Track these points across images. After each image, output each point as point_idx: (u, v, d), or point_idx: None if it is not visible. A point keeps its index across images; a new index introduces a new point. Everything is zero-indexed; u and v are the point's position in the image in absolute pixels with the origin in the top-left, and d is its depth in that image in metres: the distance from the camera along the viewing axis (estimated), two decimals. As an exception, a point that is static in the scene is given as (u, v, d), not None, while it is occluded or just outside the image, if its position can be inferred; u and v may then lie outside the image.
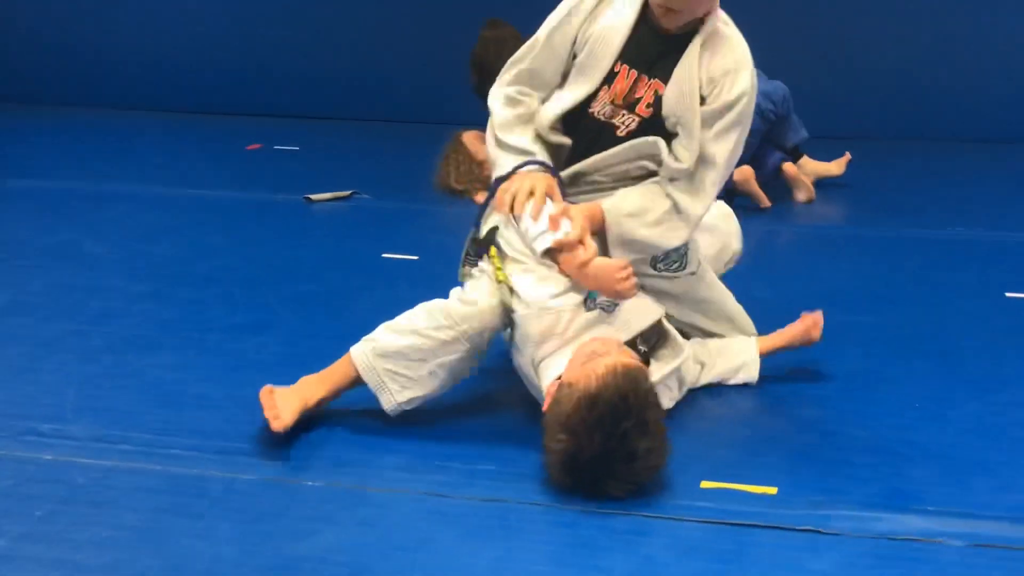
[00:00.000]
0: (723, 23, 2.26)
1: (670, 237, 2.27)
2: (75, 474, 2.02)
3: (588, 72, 2.26)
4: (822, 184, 4.30)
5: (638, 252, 2.28)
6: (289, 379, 2.23)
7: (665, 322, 2.34)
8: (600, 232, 2.24)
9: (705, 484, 1.98)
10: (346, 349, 2.22)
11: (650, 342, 2.29)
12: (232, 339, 2.69)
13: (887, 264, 3.39)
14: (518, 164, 2.24)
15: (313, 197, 4.09)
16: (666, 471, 1.98)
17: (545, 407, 2.02)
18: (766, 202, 4.02)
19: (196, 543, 1.80)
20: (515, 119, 2.30)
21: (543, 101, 2.33)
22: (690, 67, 2.21)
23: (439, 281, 2.38)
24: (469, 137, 4.17)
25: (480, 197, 4.00)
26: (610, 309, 2.19)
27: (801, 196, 4.14)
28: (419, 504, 1.94)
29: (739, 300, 2.58)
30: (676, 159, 2.23)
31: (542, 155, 2.26)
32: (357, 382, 2.21)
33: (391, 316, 2.23)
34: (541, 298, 2.13)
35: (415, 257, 3.38)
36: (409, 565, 1.74)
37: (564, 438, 1.90)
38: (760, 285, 3.09)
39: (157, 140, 5.36)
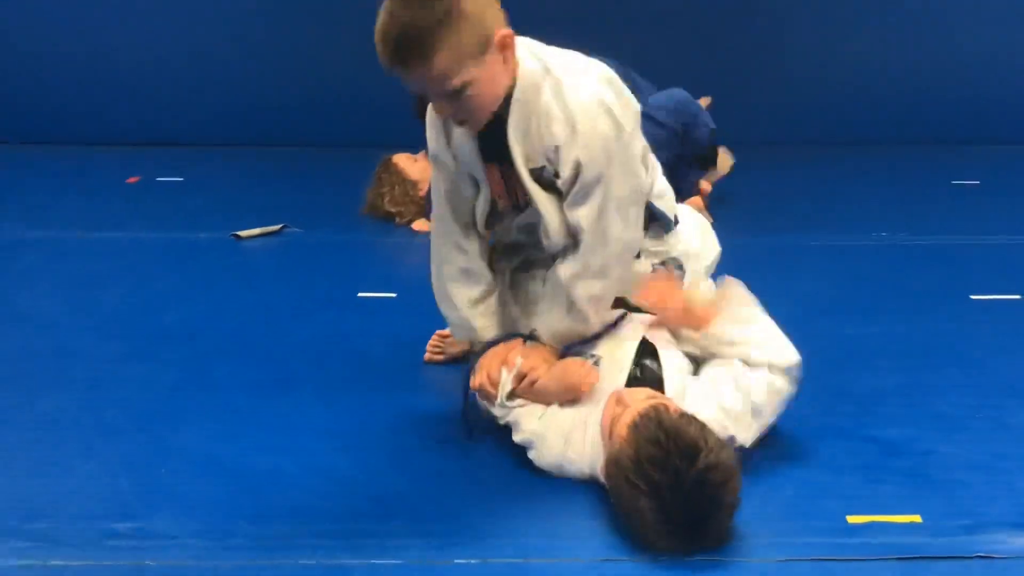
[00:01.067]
0: (533, 85, 2.08)
1: (603, 304, 2.25)
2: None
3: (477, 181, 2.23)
4: (758, 193, 4.42)
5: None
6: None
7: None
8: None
9: (852, 519, 1.99)
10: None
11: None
12: (261, 398, 2.48)
13: (849, 274, 3.52)
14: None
15: (242, 234, 3.84)
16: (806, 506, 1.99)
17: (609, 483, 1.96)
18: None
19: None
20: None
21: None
22: (516, 156, 2.12)
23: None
24: (401, 159, 4.04)
25: (419, 225, 3.88)
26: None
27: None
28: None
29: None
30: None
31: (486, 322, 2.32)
32: None
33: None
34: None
35: (392, 294, 3.24)
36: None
37: (643, 505, 1.83)
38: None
39: (21, 177, 4.89)
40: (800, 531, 1.94)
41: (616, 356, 2.22)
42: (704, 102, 4.26)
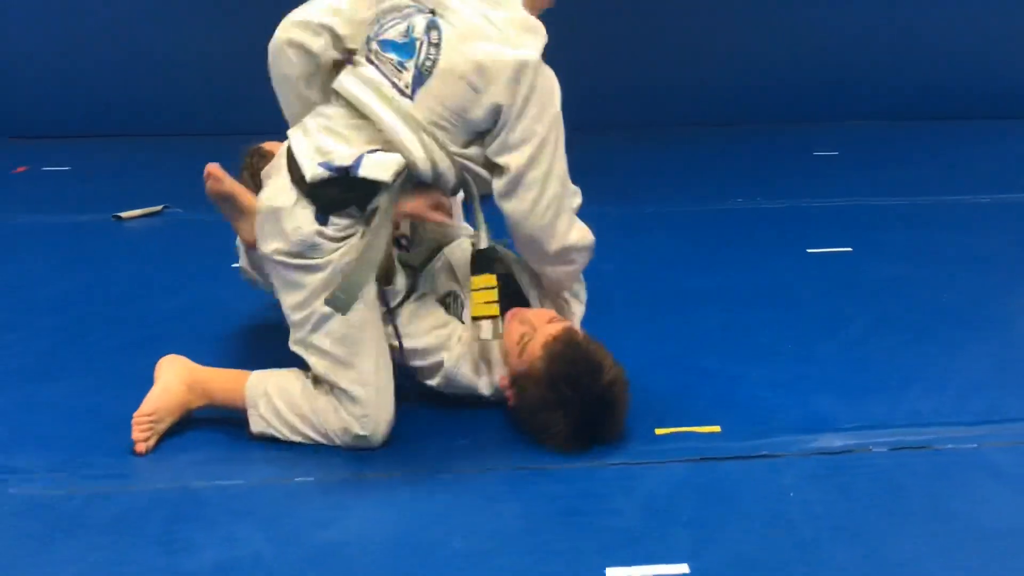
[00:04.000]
0: None
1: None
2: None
3: None
4: (634, 169, 4.70)
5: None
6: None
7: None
8: None
9: (659, 431, 2.22)
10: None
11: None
12: (132, 356, 2.62)
13: (696, 236, 3.78)
14: None
15: (123, 215, 3.96)
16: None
17: (512, 401, 2.21)
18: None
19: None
20: None
21: None
22: None
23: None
24: (272, 146, 4.15)
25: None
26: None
27: None
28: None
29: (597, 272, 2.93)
30: None
31: None
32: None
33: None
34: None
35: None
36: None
37: (555, 416, 2.11)
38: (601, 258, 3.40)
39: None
40: (614, 444, 2.18)
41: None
42: None
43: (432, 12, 2.20)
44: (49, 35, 5.42)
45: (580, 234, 2.27)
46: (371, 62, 2.17)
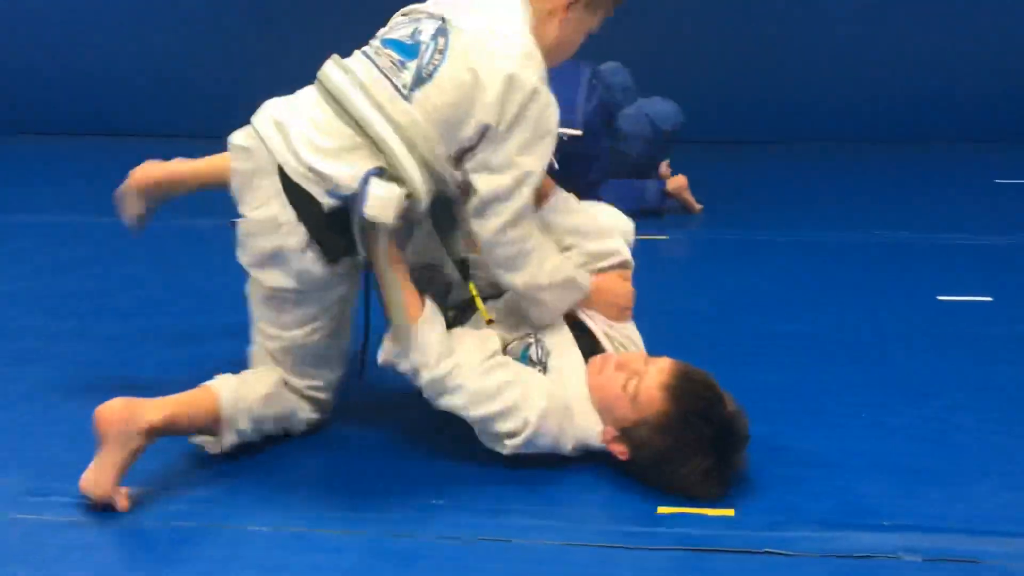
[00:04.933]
0: None
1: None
2: (7, 530, 1.92)
3: None
4: (728, 192, 4.38)
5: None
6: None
7: None
8: None
9: (662, 510, 1.97)
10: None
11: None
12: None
13: (811, 269, 3.44)
14: None
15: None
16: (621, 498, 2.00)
17: (628, 455, 2.03)
18: (697, 207, 4.07)
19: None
20: None
21: None
22: None
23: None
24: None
25: None
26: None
27: (696, 206, 4.15)
28: (372, 544, 1.89)
29: (670, 311, 2.79)
30: None
31: None
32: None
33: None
34: None
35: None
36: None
37: (694, 457, 1.96)
38: (691, 294, 3.15)
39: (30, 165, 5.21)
40: (614, 519, 1.96)
41: (558, 339, 2.20)
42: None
43: (443, 20, 2.07)
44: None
45: (551, 274, 2.11)
46: (368, 57, 2.08)
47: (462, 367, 2.03)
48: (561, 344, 2.17)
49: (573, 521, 1.94)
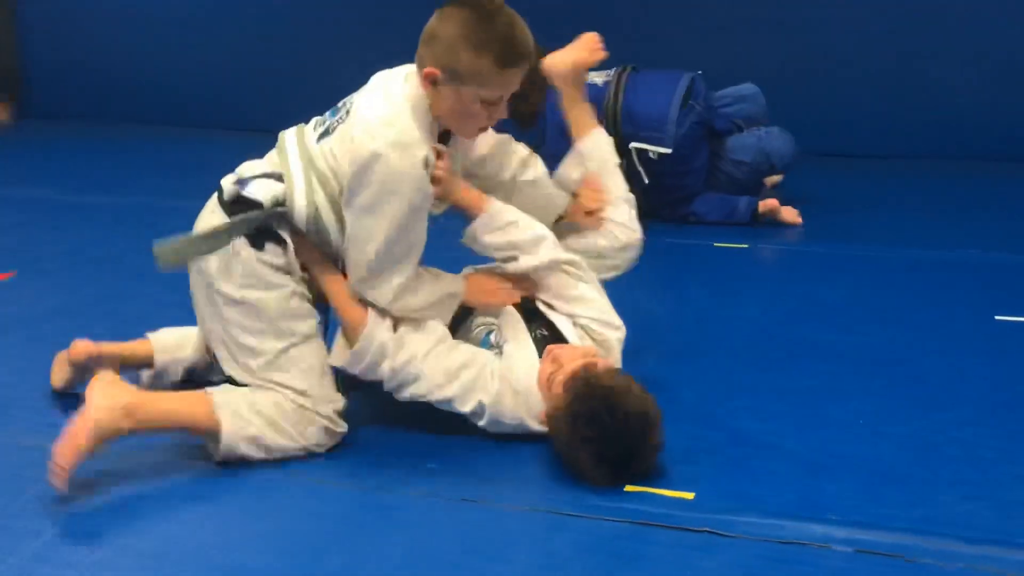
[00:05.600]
0: None
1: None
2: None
3: None
4: (833, 206, 4.42)
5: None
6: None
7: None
8: None
9: (629, 488, 2.14)
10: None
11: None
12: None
13: (877, 284, 3.47)
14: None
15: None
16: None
17: (551, 432, 2.25)
18: (793, 221, 4.15)
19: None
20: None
21: None
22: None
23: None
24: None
25: None
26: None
27: (791, 216, 4.18)
28: (361, 496, 2.14)
29: (730, 317, 2.99)
30: None
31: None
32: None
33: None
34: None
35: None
36: (329, 551, 1.95)
37: (581, 453, 2.14)
38: (747, 302, 3.25)
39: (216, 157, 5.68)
40: (584, 490, 2.13)
41: (512, 327, 2.42)
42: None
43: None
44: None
45: (426, 298, 2.33)
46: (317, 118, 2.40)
47: (416, 356, 2.27)
48: (515, 331, 2.38)
49: (548, 491, 2.15)
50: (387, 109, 2.21)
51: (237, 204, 2.29)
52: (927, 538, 1.94)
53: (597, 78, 3.96)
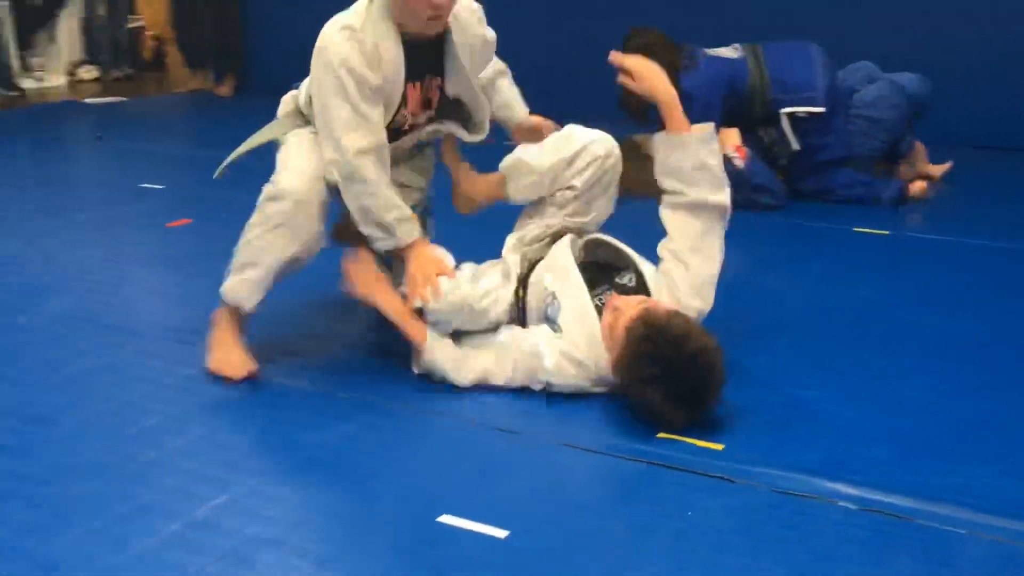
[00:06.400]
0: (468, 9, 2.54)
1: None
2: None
3: (387, 106, 2.48)
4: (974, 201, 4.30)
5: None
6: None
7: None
8: None
9: (661, 435, 2.22)
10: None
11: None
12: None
13: (1004, 277, 3.36)
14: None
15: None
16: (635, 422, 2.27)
17: (620, 380, 2.31)
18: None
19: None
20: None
21: None
22: (455, 56, 2.49)
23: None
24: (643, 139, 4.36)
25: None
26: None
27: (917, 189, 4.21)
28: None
29: (838, 296, 3.04)
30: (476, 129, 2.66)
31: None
32: None
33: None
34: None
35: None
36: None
37: (650, 396, 2.21)
38: (860, 285, 3.22)
39: None
40: (615, 434, 2.23)
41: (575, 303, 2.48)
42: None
43: None
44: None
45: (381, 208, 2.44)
46: None
47: (477, 370, 2.41)
48: (573, 301, 2.43)
49: (577, 428, 2.26)
50: (351, 9, 2.45)
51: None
52: (943, 505, 1.93)
53: (728, 53, 4.11)
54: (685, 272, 2.49)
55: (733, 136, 4.10)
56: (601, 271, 2.57)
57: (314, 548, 1.80)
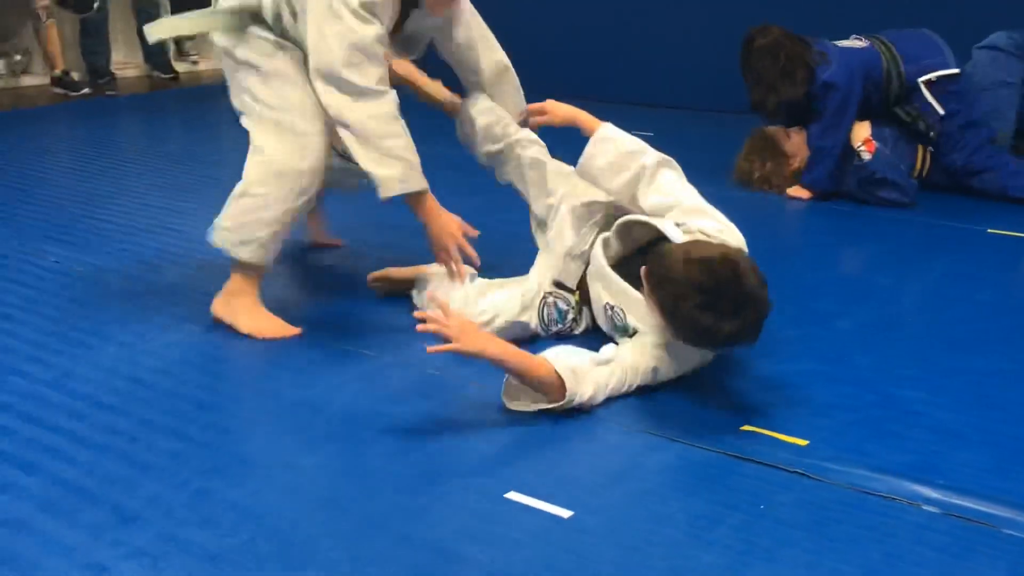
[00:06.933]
0: None
1: None
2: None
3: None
4: None
5: None
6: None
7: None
8: None
9: (745, 428, 2.17)
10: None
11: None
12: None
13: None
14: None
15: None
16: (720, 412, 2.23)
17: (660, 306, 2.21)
18: None
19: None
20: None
21: None
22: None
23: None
24: (778, 132, 4.27)
25: (794, 191, 4.14)
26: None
27: None
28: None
29: (956, 299, 2.93)
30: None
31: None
32: None
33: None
34: None
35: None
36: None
37: (695, 302, 2.10)
38: (982, 287, 3.08)
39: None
40: (697, 421, 2.19)
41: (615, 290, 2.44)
42: None
43: None
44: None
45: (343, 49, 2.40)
46: None
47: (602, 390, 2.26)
48: (621, 298, 2.41)
49: (658, 416, 2.22)
50: None
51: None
52: (1033, 516, 1.83)
53: (854, 43, 4.12)
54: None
55: (863, 130, 4.00)
56: (641, 254, 2.46)
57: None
